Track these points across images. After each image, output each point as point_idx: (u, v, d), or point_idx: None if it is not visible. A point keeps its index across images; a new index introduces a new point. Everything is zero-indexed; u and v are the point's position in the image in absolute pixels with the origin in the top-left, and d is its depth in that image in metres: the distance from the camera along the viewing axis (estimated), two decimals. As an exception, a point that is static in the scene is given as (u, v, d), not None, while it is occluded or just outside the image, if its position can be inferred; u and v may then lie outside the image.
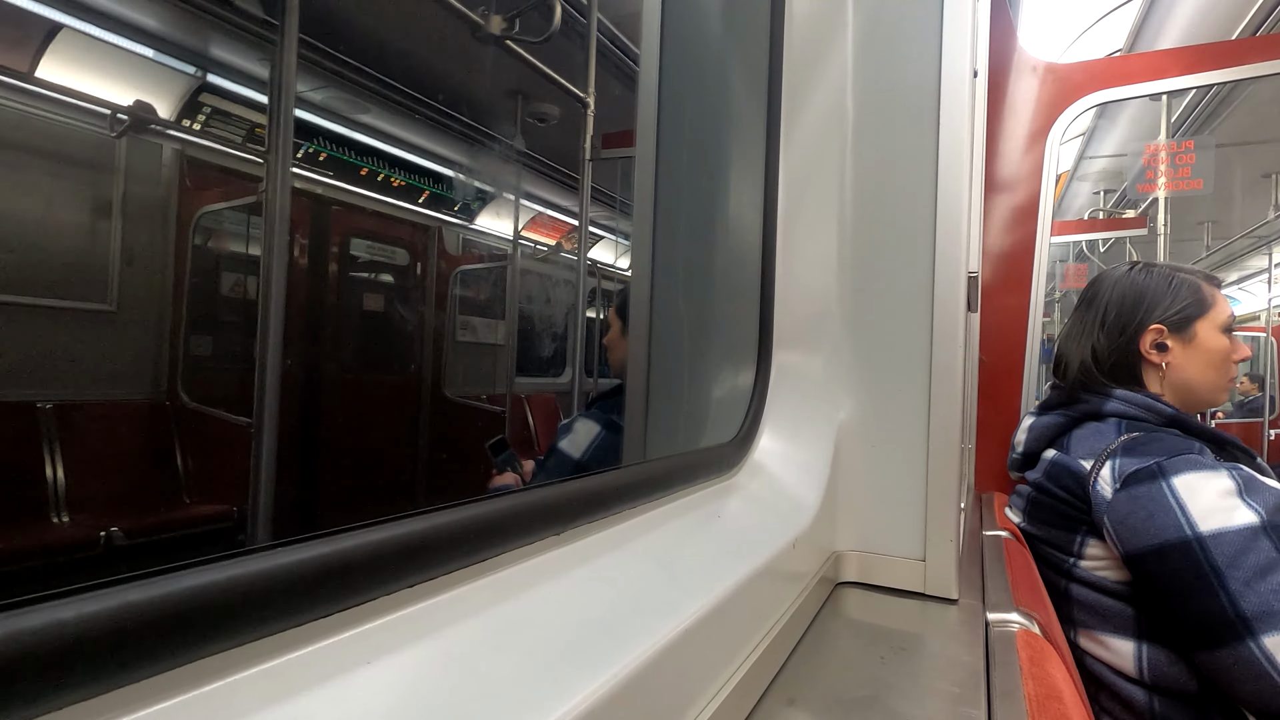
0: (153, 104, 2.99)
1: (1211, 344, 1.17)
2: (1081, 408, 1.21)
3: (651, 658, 0.35)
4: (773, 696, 0.51)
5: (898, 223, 0.80)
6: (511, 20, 2.03)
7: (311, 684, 0.24)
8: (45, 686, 0.18)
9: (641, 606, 0.39)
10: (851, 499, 0.80)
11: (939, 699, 0.52)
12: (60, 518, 2.79)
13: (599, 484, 0.48)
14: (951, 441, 0.75)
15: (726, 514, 0.61)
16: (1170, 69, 1.65)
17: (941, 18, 0.77)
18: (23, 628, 0.17)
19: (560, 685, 0.29)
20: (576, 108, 2.36)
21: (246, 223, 3.50)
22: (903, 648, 0.61)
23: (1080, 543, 1.10)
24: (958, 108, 0.77)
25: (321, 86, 3.40)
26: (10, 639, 0.17)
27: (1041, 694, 0.52)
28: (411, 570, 0.30)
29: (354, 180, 4.13)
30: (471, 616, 0.31)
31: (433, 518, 0.32)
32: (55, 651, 0.18)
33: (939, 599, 0.76)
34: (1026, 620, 0.71)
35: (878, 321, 0.81)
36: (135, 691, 0.20)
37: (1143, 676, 1.01)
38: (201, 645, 0.22)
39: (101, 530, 2.70)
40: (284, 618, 0.24)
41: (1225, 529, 0.91)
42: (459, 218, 5.00)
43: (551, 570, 0.39)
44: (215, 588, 0.22)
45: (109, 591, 0.19)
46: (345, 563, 0.26)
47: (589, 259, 3.09)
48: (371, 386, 4.38)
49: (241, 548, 0.24)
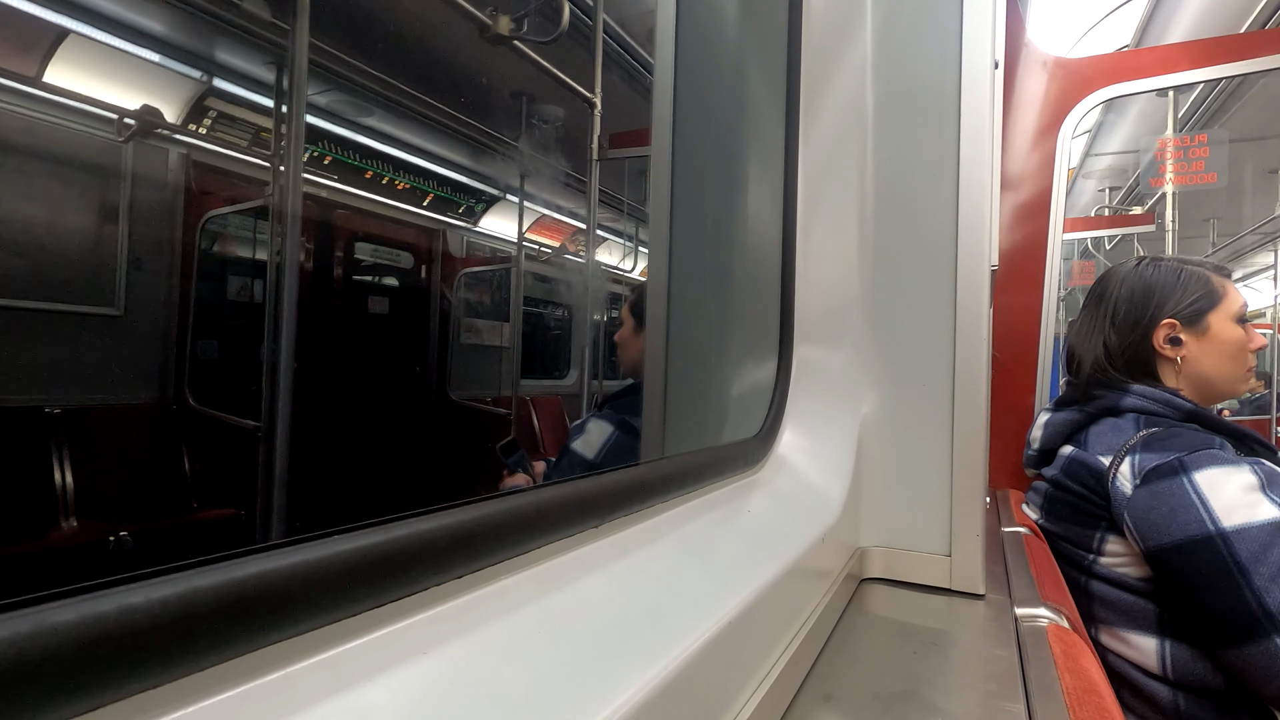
0: (159, 108, 3.00)
1: (1226, 335, 1.16)
2: (1098, 404, 1.20)
3: (699, 651, 0.34)
4: (808, 692, 0.50)
5: (919, 216, 0.80)
6: (519, 21, 2.03)
7: (371, 673, 0.24)
8: (119, 672, 0.17)
9: (683, 600, 0.39)
10: (875, 494, 0.80)
11: (976, 694, 0.51)
12: (69, 522, 2.79)
13: (630, 477, 0.47)
14: (976, 436, 0.75)
15: (754, 509, 0.61)
16: (1182, 63, 1.64)
17: (962, 8, 0.77)
18: (96, 612, 0.17)
19: (615, 676, 0.29)
20: (582, 108, 2.36)
21: (253, 227, 3.51)
22: (934, 643, 0.60)
23: (1100, 539, 1.09)
24: (979, 100, 0.76)
25: (326, 89, 3.40)
26: (82, 623, 0.17)
27: (1080, 688, 0.51)
28: (460, 561, 0.29)
29: (358, 183, 4.13)
30: (520, 608, 0.31)
31: (476, 509, 0.32)
32: (127, 636, 0.17)
33: (965, 594, 0.75)
34: (1055, 615, 0.70)
35: (900, 316, 0.80)
36: (202, 680, 0.20)
37: (1166, 673, 1.00)
38: (265, 633, 0.21)
39: (111, 535, 2.71)
40: (343, 606, 0.24)
41: (1249, 524, 0.90)
42: (463, 220, 5.01)
43: (592, 563, 0.38)
44: (276, 575, 0.21)
45: (177, 576, 0.19)
46: (399, 551, 0.26)
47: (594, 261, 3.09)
48: (376, 389, 4.39)
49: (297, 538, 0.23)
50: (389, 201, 4.38)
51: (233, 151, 3.41)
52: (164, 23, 2.86)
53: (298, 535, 0.24)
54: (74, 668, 0.17)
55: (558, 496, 0.38)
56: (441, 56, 3.36)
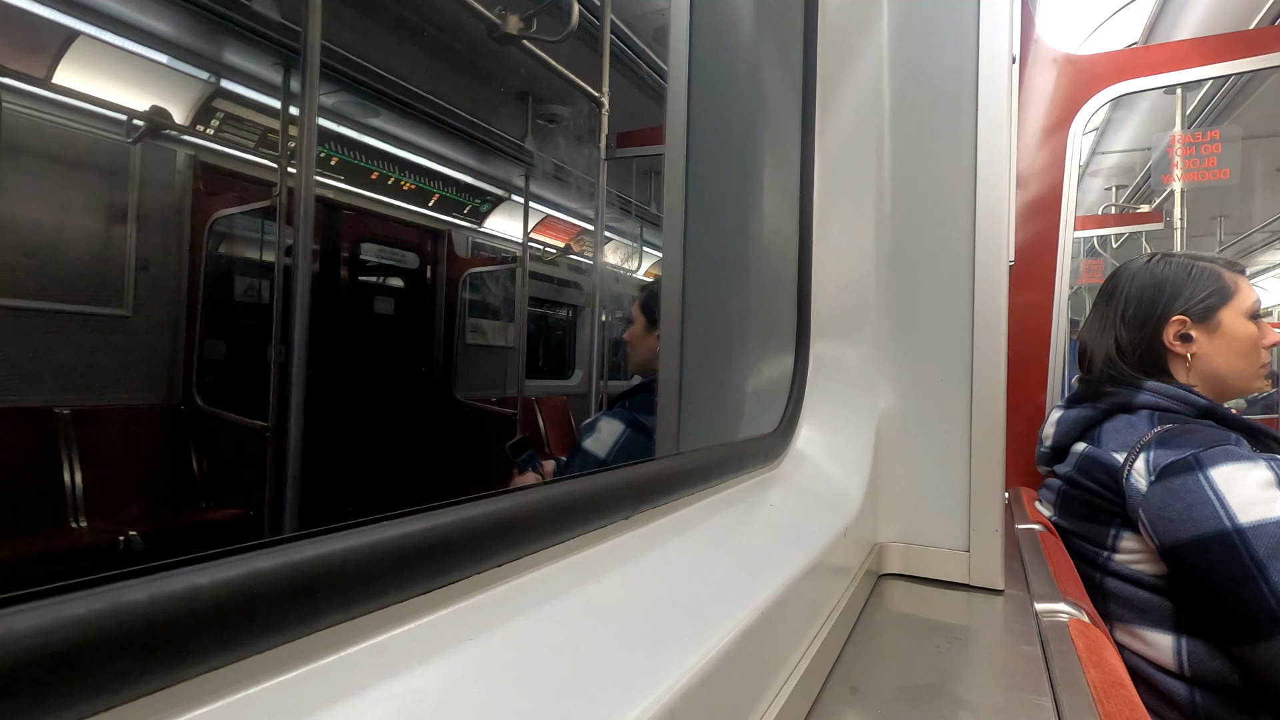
0: (168, 109, 3.01)
1: (1238, 331, 1.15)
2: (1111, 400, 1.20)
3: (734, 640, 0.34)
4: (834, 685, 0.50)
5: (936, 211, 0.80)
6: (528, 20, 2.03)
7: (421, 658, 0.24)
8: (187, 652, 0.17)
9: (715, 591, 0.39)
10: (893, 490, 0.80)
11: (1001, 687, 0.51)
12: (79, 522, 2.80)
13: (656, 470, 0.47)
14: (995, 431, 0.75)
15: (776, 503, 0.61)
16: (1191, 59, 1.64)
17: (979, 1, 0.77)
18: (165, 591, 0.17)
19: (657, 664, 0.29)
20: (590, 107, 2.37)
21: (261, 227, 3.52)
22: (956, 638, 0.60)
23: (1114, 536, 1.08)
24: (997, 94, 0.76)
25: (333, 90, 3.41)
26: (152, 602, 0.17)
27: (1106, 681, 0.51)
28: (501, 549, 0.30)
29: (364, 184, 4.14)
30: (560, 596, 0.31)
31: (514, 498, 0.32)
32: (194, 616, 0.18)
33: (985, 590, 0.75)
34: (1075, 610, 0.70)
35: (918, 311, 0.80)
36: (264, 661, 0.20)
37: (1183, 670, 1.00)
38: (322, 616, 0.21)
39: (120, 535, 2.72)
40: (393, 591, 0.24)
41: (1266, 520, 0.90)
42: (469, 221, 5.01)
43: (624, 554, 0.38)
44: (331, 559, 0.22)
45: (239, 558, 0.19)
46: (444, 539, 0.26)
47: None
48: (382, 389, 4.39)
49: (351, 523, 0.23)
50: (395, 202, 4.39)
51: (240, 152, 3.42)
52: (172, 24, 2.87)
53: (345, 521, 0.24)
54: (142, 647, 0.17)
55: (589, 488, 0.38)
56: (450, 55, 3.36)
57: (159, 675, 0.17)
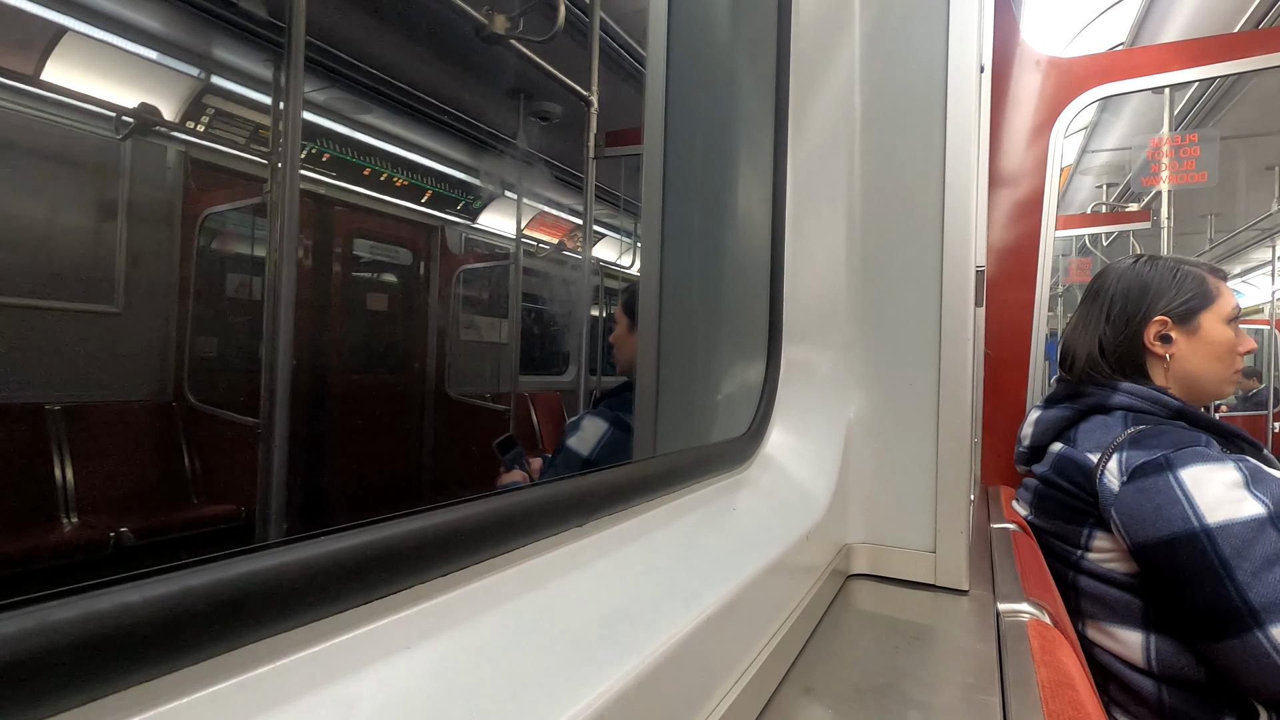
0: (157, 106, 3.00)
1: (1216, 335, 1.17)
2: (1088, 401, 1.21)
3: (676, 645, 0.35)
4: (789, 686, 0.51)
5: (905, 218, 0.81)
6: (515, 20, 2.03)
7: (357, 667, 0.25)
8: (117, 667, 0.19)
9: (663, 596, 0.40)
10: (862, 492, 0.81)
11: (954, 687, 0.53)
12: (70, 519, 2.80)
13: (617, 477, 0.49)
14: (961, 434, 0.76)
15: (741, 506, 0.62)
16: (1175, 62, 1.65)
17: (948, 15, 0.78)
18: (95, 610, 0.18)
19: (591, 670, 0.30)
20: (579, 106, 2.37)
21: (251, 224, 3.52)
22: (916, 638, 0.62)
23: (1087, 535, 1.10)
24: (964, 104, 0.77)
25: (324, 87, 3.41)
26: (82, 621, 0.18)
27: (1054, 681, 0.52)
28: (445, 560, 0.31)
29: (356, 180, 4.14)
30: (503, 604, 0.32)
31: (463, 509, 0.33)
32: (125, 632, 0.19)
33: (950, 590, 0.76)
34: (1037, 610, 0.72)
35: (887, 317, 0.82)
36: (196, 673, 0.21)
37: (1151, 667, 1.02)
38: (255, 629, 0.22)
39: (111, 531, 2.72)
40: (329, 603, 0.25)
41: (1233, 520, 0.91)
42: (461, 217, 5.01)
43: (575, 561, 0.39)
44: (266, 573, 0.23)
45: (171, 576, 0.20)
46: (385, 551, 0.27)
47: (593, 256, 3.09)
48: (374, 385, 4.40)
49: (276, 539, 0.24)
50: (387, 198, 4.39)
51: (230, 149, 3.41)
52: (161, 20, 2.86)
53: (293, 533, 0.25)
54: (74, 663, 0.18)
55: (542, 497, 0.39)
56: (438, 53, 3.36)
57: (88, 690, 0.18)
